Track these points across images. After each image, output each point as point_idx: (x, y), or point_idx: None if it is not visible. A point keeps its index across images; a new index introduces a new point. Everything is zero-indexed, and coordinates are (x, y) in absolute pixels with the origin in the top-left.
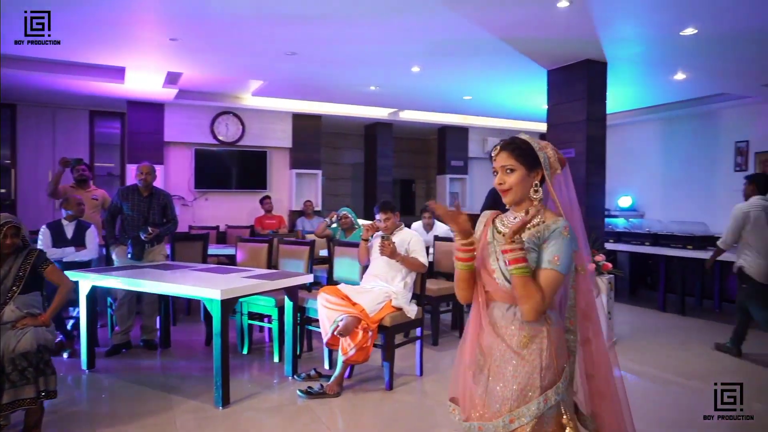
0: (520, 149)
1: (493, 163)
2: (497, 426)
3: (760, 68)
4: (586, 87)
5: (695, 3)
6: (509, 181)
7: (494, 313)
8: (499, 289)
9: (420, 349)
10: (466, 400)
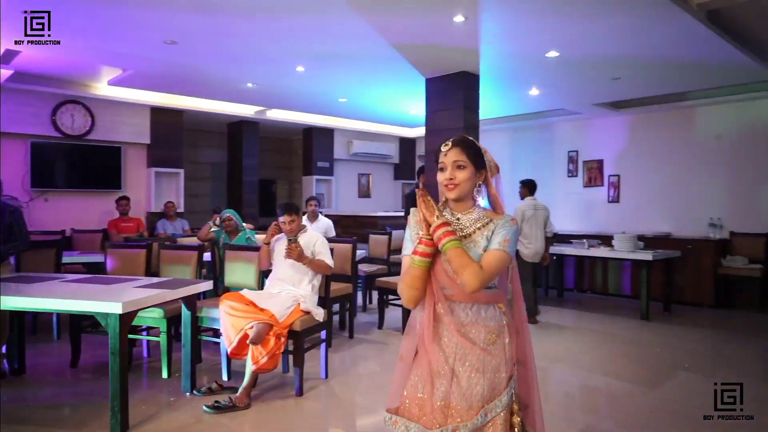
0: (471, 148)
1: (441, 158)
2: (475, 423)
3: (592, 90)
4: (463, 97)
5: (558, 30)
6: (459, 177)
7: (459, 314)
8: (457, 288)
9: (325, 352)
10: (428, 407)
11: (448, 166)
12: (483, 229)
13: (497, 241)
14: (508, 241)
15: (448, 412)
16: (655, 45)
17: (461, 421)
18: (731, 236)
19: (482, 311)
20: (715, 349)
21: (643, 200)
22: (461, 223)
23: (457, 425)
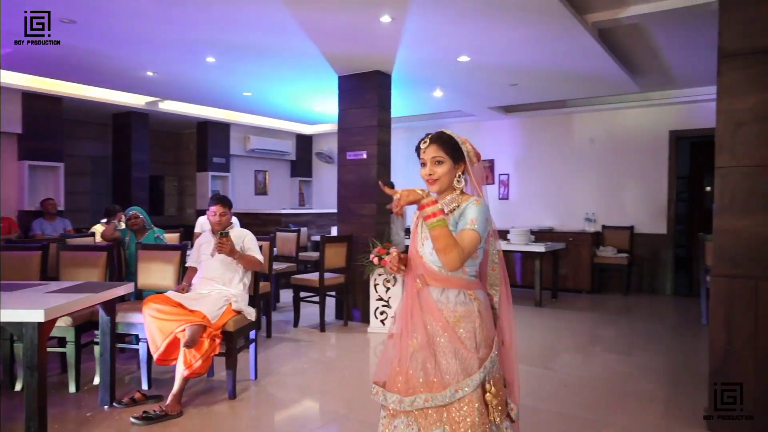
0: (448, 143)
1: (421, 155)
2: (444, 396)
3: (492, 93)
4: (377, 96)
5: (472, 36)
6: (438, 172)
7: (432, 295)
8: (429, 271)
9: (255, 352)
10: (408, 379)
11: (427, 162)
12: (454, 211)
13: (466, 222)
14: (475, 220)
15: (425, 386)
16: (553, 56)
17: (436, 392)
18: (603, 229)
19: (451, 295)
20: (595, 329)
21: (530, 197)
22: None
23: (430, 395)
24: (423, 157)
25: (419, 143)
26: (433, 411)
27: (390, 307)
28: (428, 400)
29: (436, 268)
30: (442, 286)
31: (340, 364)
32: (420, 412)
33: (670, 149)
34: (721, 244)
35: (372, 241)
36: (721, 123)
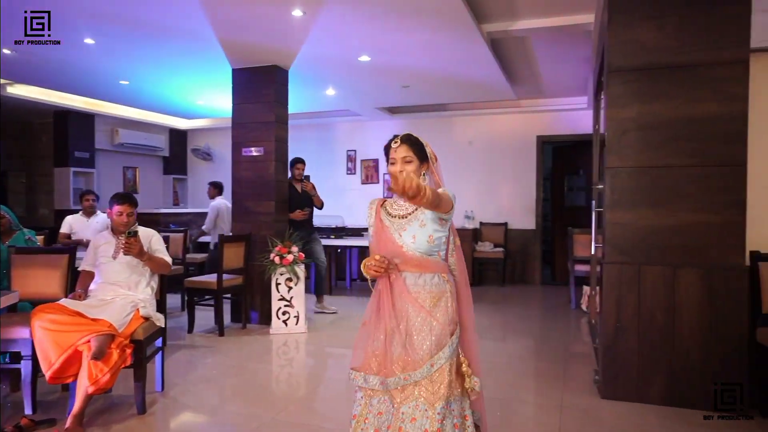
0: (416, 144)
1: (392, 153)
2: (423, 372)
3: (383, 94)
4: (274, 91)
5: (376, 36)
6: (408, 170)
7: (407, 281)
8: (409, 258)
9: (162, 361)
10: (386, 361)
11: (398, 160)
12: (418, 209)
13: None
14: (446, 191)
15: (402, 365)
16: (449, 61)
17: (412, 370)
18: (481, 226)
19: (428, 280)
20: (479, 318)
21: None
22: (406, 205)
23: (409, 374)
24: (393, 156)
25: (389, 143)
26: (410, 387)
27: (292, 306)
28: (407, 378)
29: (418, 255)
30: (421, 271)
31: (249, 367)
32: (397, 390)
33: (537, 153)
34: (612, 235)
35: (271, 240)
36: (611, 129)
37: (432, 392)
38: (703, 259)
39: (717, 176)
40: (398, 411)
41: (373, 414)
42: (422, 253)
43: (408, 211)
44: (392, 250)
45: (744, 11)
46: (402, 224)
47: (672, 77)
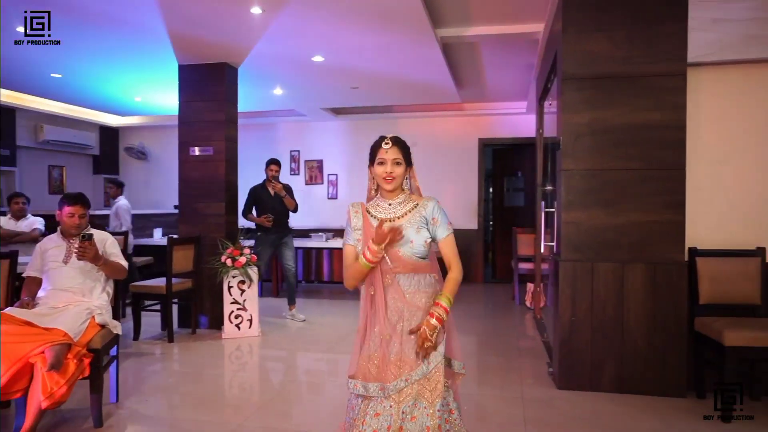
0: (405, 147)
1: (381, 154)
2: (422, 371)
3: (331, 95)
4: (225, 89)
5: (331, 37)
6: (397, 172)
7: (402, 282)
8: (405, 262)
9: (116, 370)
10: (384, 365)
11: (388, 161)
12: (413, 210)
13: (444, 227)
14: (449, 223)
15: (401, 365)
16: (402, 64)
17: (412, 370)
18: None
19: (422, 280)
20: None
21: (359, 196)
22: (392, 209)
23: (408, 374)
24: (384, 157)
25: (380, 143)
26: (408, 387)
27: (245, 309)
28: (408, 380)
29: (415, 259)
30: (415, 272)
31: (206, 373)
32: (399, 391)
33: (479, 155)
34: (567, 234)
35: (222, 242)
36: (565, 134)
37: (430, 390)
38: (647, 255)
39: (660, 179)
40: (398, 411)
41: (370, 416)
42: (419, 257)
43: (397, 215)
44: (389, 254)
45: (681, 29)
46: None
47: (620, 86)
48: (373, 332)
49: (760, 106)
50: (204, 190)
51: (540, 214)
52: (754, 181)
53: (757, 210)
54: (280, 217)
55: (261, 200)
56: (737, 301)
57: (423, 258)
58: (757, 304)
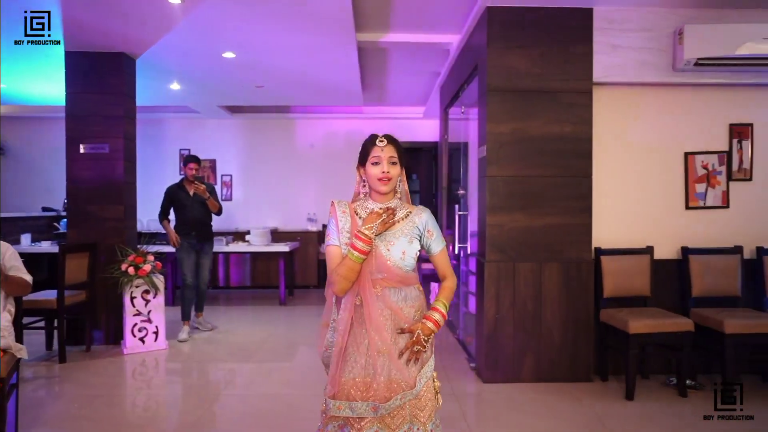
0: (400, 147)
1: (376, 152)
2: (416, 390)
3: (234, 93)
4: (123, 81)
5: (247, 34)
6: (393, 172)
7: (391, 297)
8: (394, 274)
9: (16, 399)
10: (375, 386)
11: (384, 160)
12: (405, 219)
13: (439, 241)
14: (441, 236)
15: (392, 386)
16: (316, 65)
17: (405, 389)
18: (324, 228)
19: (409, 293)
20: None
21: (253, 198)
22: (381, 212)
23: (404, 393)
24: (379, 155)
25: (372, 140)
26: (401, 409)
27: (151, 321)
28: (402, 398)
29: (404, 271)
30: (404, 285)
31: (116, 394)
32: (388, 416)
33: None
34: (491, 236)
35: (121, 249)
36: (490, 142)
37: (420, 409)
38: (561, 255)
39: (571, 185)
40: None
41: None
42: (408, 270)
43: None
44: (378, 265)
45: (588, 51)
46: (387, 237)
47: (538, 100)
48: (356, 348)
49: (650, 124)
50: (98, 192)
51: (455, 217)
52: (645, 189)
53: (646, 213)
54: (202, 220)
55: (178, 202)
56: (633, 294)
57: (412, 270)
58: (647, 295)
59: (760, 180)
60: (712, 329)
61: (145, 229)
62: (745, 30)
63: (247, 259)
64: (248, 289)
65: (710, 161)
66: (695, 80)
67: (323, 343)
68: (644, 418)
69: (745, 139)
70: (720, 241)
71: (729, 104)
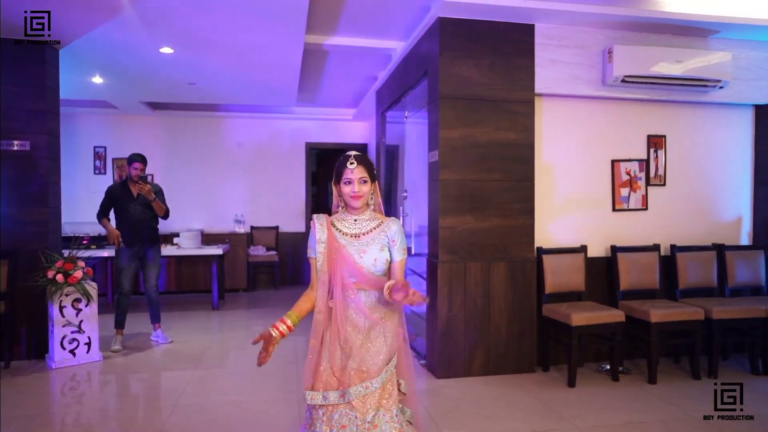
0: (370, 166)
1: (347, 174)
2: (381, 378)
3: (164, 89)
4: (45, 73)
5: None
6: (364, 190)
7: (362, 299)
8: (367, 279)
9: None
10: (344, 373)
11: (354, 181)
12: (377, 229)
13: (400, 252)
14: (405, 248)
15: (361, 375)
16: (258, 64)
17: (370, 379)
18: (252, 230)
19: (380, 295)
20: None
21: (177, 199)
22: (358, 224)
23: (369, 382)
24: (350, 177)
25: (344, 162)
26: (370, 396)
27: (82, 332)
28: (368, 387)
29: (377, 276)
30: (375, 288)
31: (55, 413)
32: (358, 401)
33: (306, 158)
34: (444, 238)
35: (46, 255)
36: (443, 146)
37: (386, 398)
38: (507, 255)
39: (515, 189)
40: (363, 421)
41: (337, 429)
42: (380, 274)
43: (362, 230)
44: (352, 270)
45: (530, 63)
46: (360, 245)
47: (486, 108)
48: (333, 342)
49: (583, 133)
50: (18, 194)
51: (400, 219)
52: (579, 192)
53: (582, 215)
54: (146, 224)
55: (120, 202)
56: (570, 289)
57: (383, 275)
58: (582, 290)
59: (672, 185)
60: (638, 319)
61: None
62: (662, 53)
63: (171, 262)
64: (173, 294)
65: (632, 168)
66: (621, 95)
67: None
68: (588, 402)
69: (660, 148)
70: (641, 240)
71: (647, 117)
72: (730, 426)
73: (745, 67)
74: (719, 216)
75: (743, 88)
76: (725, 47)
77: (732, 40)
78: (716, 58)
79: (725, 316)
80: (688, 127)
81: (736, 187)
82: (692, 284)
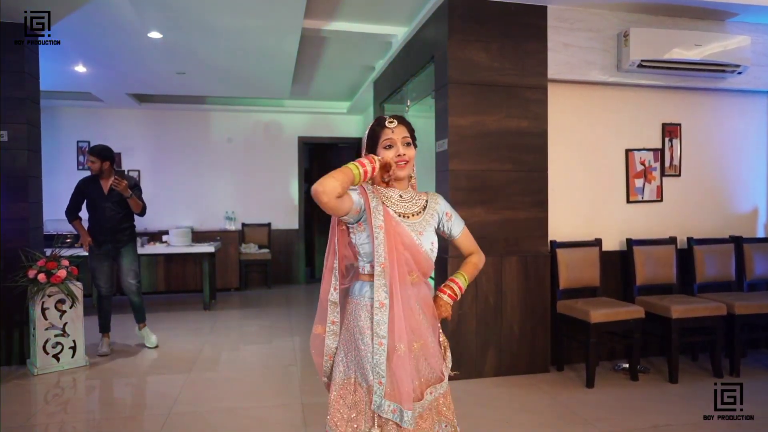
0: (411, 126)
1: (387, 134)
2: (443, 386)
3: (151, 79)
4: (24, 59)
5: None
6: (409, 154)
7: (424, 292)
8: (423, 265)
9: None
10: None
11: (397, 142)
12: (426, 209)
13: (459, 222)
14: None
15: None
16: (252, 51)
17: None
18: (243, 227)
19: (429, 291)
20: (262, 324)
21: (166, 196)
22: (405, 202)
23: (432, 387)
24: (392, 137)
25: (382, 123)
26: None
27: (67, 335)
28: (432, 392)
29: (432, 262)
30: (425, 278)
31: (38, 423)
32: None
33: (299, 153)
34: None
35: (27, 254)
36: (452, 135)
37: (446, 406)
38: (519, 249)
39: (527, 180)
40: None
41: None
42: (433, 262)
43: (414, 210)
44: (411, 253)
45: (542, 48)
46: (416, 225)
47: (496, 94)
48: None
49: (596, 121)
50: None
51: None
52: (593, 183)
53: (595, 207)
54: (119, 222)
55: (91, 198)
56: (584, 284)
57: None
58: (597, 285)
59: (687, 175)
60: (657, 315)
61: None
62: (680, 36)
63: (160, 261)
64: (162, 294)
65: (647, 158)
66: (635, 81)
67: (323, 353)
68: (609, 404)
69: (675, 137)
70: (656, 232)
71: (662, 105)
72: (730, 426)
73: (763, 53)
74: (735, 207)
75: (761, 73)
76: (743, 31)
77: (750, 24)
78: (735, 42)
79: (748, 311)
80: (704, 115)
81: (752, 177)
82: (710, 278)
